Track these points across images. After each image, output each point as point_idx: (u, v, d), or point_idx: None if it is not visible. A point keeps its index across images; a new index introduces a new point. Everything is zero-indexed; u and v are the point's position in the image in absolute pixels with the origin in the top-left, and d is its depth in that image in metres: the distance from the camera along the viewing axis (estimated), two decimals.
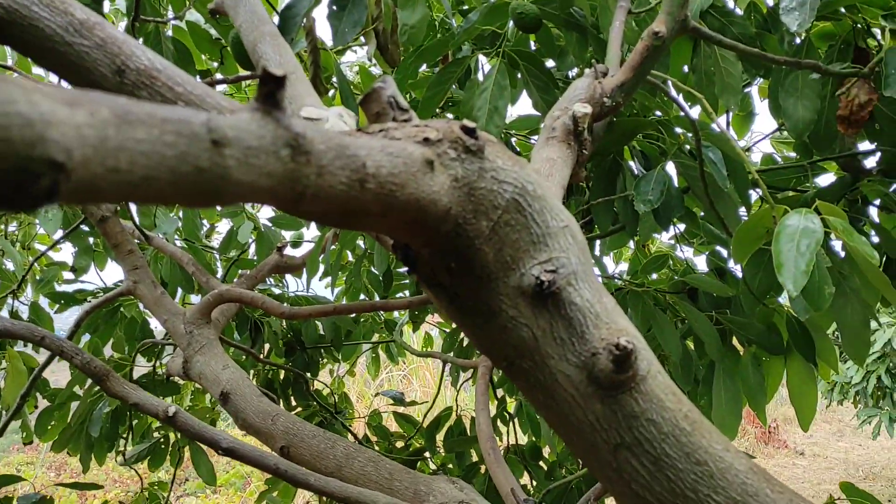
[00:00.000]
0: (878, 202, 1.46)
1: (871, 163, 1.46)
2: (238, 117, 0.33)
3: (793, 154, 1.66)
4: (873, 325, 1.35)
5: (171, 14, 1.78)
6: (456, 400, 2.49)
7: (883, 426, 6.04)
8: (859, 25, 1.27)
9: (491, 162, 0.49)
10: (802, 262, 0.86)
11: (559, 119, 0.87)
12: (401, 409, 2.57)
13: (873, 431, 6.25)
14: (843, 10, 1.30)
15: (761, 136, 1.73)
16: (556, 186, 0.76)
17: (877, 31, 1.25)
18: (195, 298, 2.62)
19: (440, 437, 2.35)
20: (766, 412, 1.53)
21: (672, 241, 2.02)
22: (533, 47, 1.64)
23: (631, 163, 1.62)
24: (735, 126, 1.73)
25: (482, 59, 1.54)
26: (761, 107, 3.01)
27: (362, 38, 1.44)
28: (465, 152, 0.48)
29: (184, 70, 0.76)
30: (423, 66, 1.58)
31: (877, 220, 1.52)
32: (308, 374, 2.57)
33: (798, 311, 1.23)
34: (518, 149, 1.90)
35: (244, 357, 2.45)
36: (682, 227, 1.89)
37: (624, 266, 2.98)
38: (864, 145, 1.46)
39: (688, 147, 1.43)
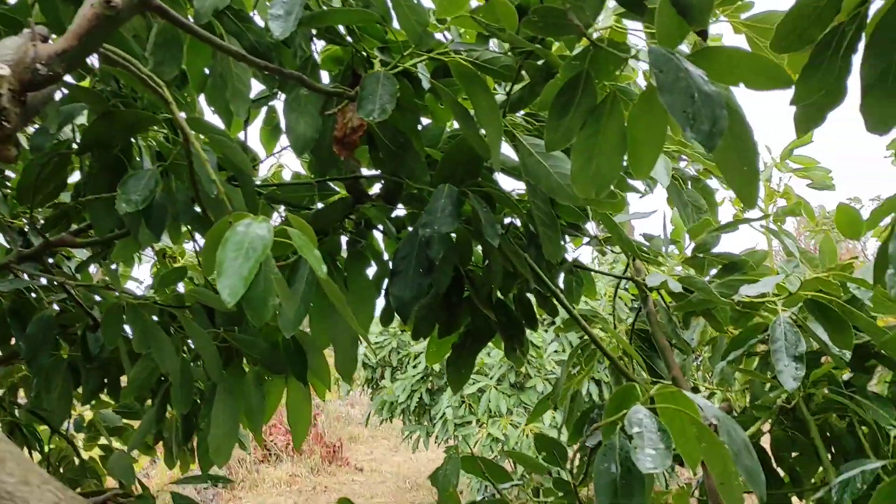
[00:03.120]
0: (380, 227, 1.54)
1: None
2: None
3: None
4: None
5: None
6: None
7: (421, 440, 6.80)
8: (361, 53, 1.33)
9: None
10: (245, 268, 0.81)
11: None
12: None
13: (413, 445, 6.99)
14: (349, 38, 1.35)
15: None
16: None
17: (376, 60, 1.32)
18: None
19: None
20: (261, 432, 1.50)
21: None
22: None
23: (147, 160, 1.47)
24: (263, 139, 1.71)
25: None
26: None
27: None
28: None
29: None
30: None
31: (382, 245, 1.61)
32: None
33: (284, 328, 1.21)
34: None
35: None
36: None
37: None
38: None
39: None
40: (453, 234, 1.38)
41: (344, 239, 1.52)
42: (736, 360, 1.59)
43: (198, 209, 1.36)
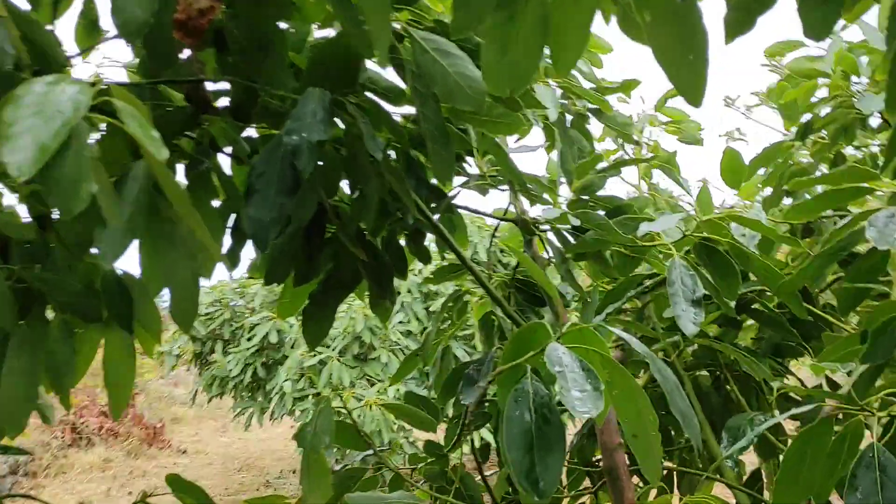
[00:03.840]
0: (228, 149, 1.28)
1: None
2: None
3: None
4: None
5: None
6: None
7: (255, 417, 6.42)
8: None
9: None
10: (47, 131, 0.56)
11: None
12: None
13: (246, 422, 6.60)
14: None
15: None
16: None
17: None
18: None
19: None
20: (69, 396, 1.20)
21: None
22: None
23: None
24: (79, 37, 1.38)
25: None
26: None
27: None
28: None
29: None
30: None
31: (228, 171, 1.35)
32: None
33: (104, 255, 0.94)
34: None
35: None
36: None
37: None
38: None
39: None
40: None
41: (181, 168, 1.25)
42: (614, 313, 1.50)
43: None
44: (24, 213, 1.23)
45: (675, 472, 1.65)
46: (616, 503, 1.13)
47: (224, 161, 1.33)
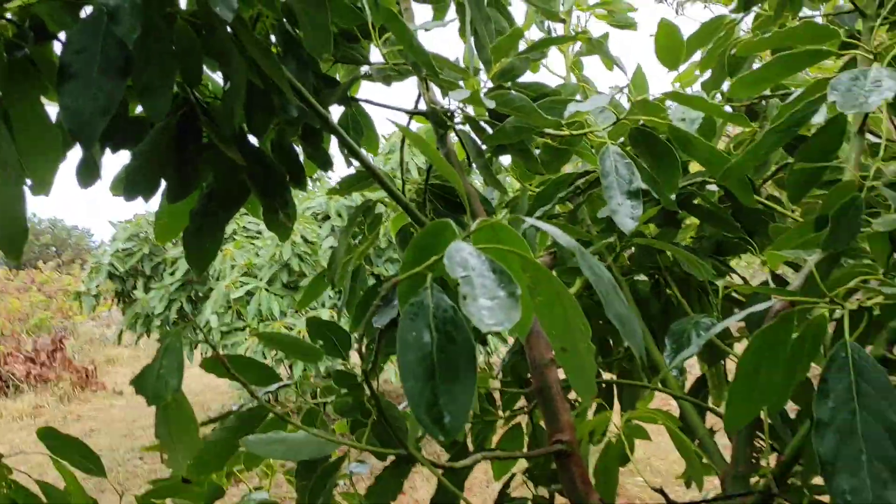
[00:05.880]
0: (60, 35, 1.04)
1: None
2: None
3: None
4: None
5: None
6: None
7: (186, 354, 6.19)
8: None
9: None
10: None
11: None
12: None
13: None
14: None
15: None
16: None
17: None
18: None
19: None
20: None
21: None
22: None
23: None
24: None
25: None
26: None
27: None
28: None
29: None
30: None
31: None
32: None
33: None
34: None
35: None
36: None
37: None
38: None
39: None
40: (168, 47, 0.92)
41: None
42: (544, 218, 1.33)
43: None
44: None
45: (614, 385, 1.54)
46: (550, 426, 0.99)
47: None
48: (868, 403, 0.66)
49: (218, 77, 1.17)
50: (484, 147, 1.13)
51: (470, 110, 1.15)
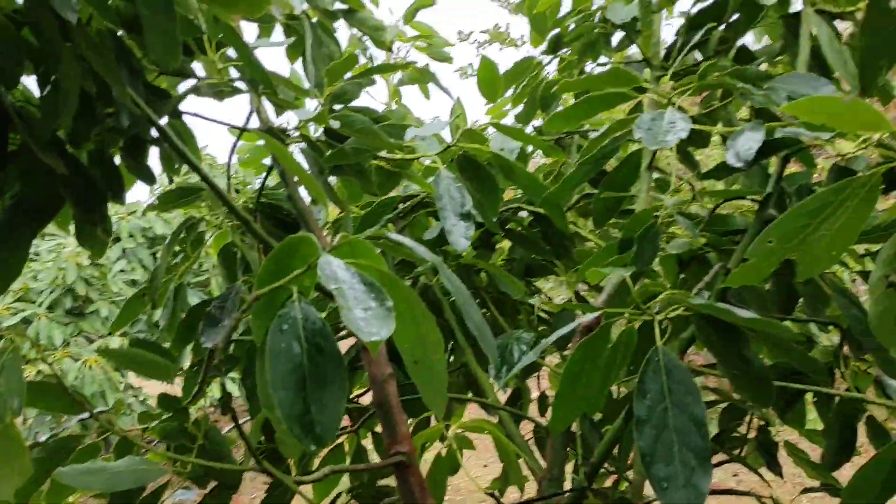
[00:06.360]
0: None
1: None
2: None
3: None
4: None
5: None
6: None
7: None
8: None
9: None
10: None
11: None
12: None
13: None
14: None
15: None
16: None
17: None
18: None
19: None
20: None
21: None
22: None
23: None
24: None
25: None
26: None
27: None
28: None
29: None
30: None
31: None
32: None
33: None
34: None
35: None
36: None
37: None
38: None
39: None
40: None
41: None
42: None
43: None
44: None
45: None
46: (388, 438, 1.02)
47: None
48: (677, 400, 0.77)
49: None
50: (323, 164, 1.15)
51: (312, 129, 1.16)
